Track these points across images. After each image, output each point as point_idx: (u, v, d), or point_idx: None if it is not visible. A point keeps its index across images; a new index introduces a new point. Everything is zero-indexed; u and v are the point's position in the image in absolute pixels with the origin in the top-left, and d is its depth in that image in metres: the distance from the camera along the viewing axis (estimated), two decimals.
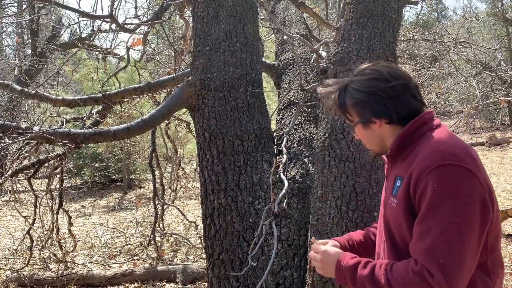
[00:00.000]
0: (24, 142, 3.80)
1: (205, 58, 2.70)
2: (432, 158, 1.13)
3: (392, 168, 1.34)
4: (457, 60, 8.81)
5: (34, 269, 5.00)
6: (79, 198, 10.19)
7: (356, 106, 1.34)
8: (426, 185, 1.11)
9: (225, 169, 2.54)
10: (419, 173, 1.14)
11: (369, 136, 1.38)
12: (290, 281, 2.33)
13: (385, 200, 1.36)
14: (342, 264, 1.31)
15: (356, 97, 1.32)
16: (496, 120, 16.02)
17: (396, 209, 1.24)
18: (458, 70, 7.36)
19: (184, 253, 5.56)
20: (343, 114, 1.39)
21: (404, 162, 1.26)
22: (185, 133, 7.86)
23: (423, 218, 1.13)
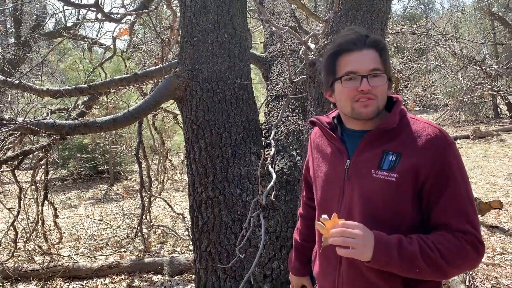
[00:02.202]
0: (8, 133, 3.73)
1: (192, 49, 2.68)
2: (441, 137, 1.24)
3: (374, 143, 1.30)
4: (444, 53, 8.89)
5: (19, 262, 4.94)
6: (64, 190, 10.08)
7: (389, 59, 1.33)
8: (447, 160, 1.23)
9: (213, 162, 2.53)
10: (436, 151, 1.23)
11: (385, 94, 1.31)
12: (277, 273, 2.34)
13: (362, 175, 1.31)
14: (386, 239, 1.19)
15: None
16: (481, 114, 16.25)
17: (397, 183, 1.24)
18: (445, 63, 7.42)
19: (171, 245, 5.55)
20: (380, 57, 1.29)
21: (396, 139, 1.28)
22: (172, 125, 7.81)
23: (455, 189, 1.22)
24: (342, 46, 1.29)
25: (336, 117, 1.45)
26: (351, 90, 1.28)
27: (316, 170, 1.50)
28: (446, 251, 1.18)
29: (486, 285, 3.70)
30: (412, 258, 1.17)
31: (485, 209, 5.20)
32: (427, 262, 1.17)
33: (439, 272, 1.20)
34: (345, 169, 1.35)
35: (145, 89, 5.88)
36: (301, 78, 2.58)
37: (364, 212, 1.28)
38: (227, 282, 2.41)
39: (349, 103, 1.30)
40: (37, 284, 4.45)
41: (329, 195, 1.40)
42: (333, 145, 1.42)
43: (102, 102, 6.76)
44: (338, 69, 1.31)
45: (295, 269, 1.81)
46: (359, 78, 1.26)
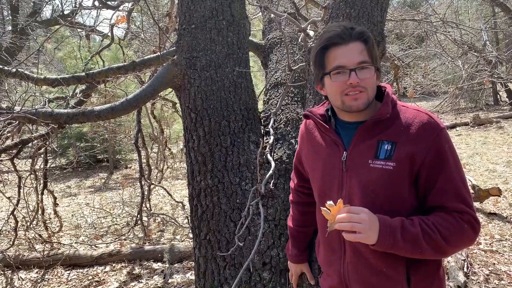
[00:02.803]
0: (6, 122, 3.72)
1: (190, 36, 2.65)
2: (433, 124, 1.29)
3: (369, 133, 1.33)
4: (444, 40, 8.83)
5: (20, 250, 4.97)
6: (64, 179, 10.10)
7: (376, 49, 1.35)
8: (440, 145, 1.27)
9: (212, 150, 2.52)
10: (430, 137, 1.27)
11: (374, 85, 1.34)
12: (276, 260, 2.35)
13: (359, 165, 1.34)
14: (389, 223, 1.24)
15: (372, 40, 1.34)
16: (480, 101, 16.21)
17: (394, 172, 1.28)
18: (445, 50, 7.38)
19: (171, 232, 5.58)
20: (367, 48, 1.30)
21: (390, 128, 1.31)
22: (171, 113, 7.80)
23: (449, 172, 1.27)
24: (329, 41, 1.31)
25: (330, 109, 1.46)
26: (341, 84, 1.30)
27: (311, 163, 1.52)
28: (445, 231, 1.23)
29: (484, 271, 3.73)
30: (414, 240, 1.22)
31: (483, 196, 5.22)
32: (429, 243, 1.22)
33: (440, 251, 1.25)
34: (343, 161, 1.37)
35: (143, 78, 5.85)
36: (300, 66, 2.56)
37: (364, 201, 1.31)
38: (226, 270, 2.42)
39: (339, 96, 1.32)
40: (38, 272, 4.48)
41: (328, 187, 1.42)
42: (327, 137, 1.44)
43: (100, 91, 6.74)
44: (326, 63, 1.33)
45: (293, 257, 1.83)
46: (347, 71, 1.28)
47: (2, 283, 4.24)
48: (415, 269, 1.32)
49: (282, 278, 2.32)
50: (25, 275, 4.42)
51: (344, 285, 1.42)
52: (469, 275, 3.64)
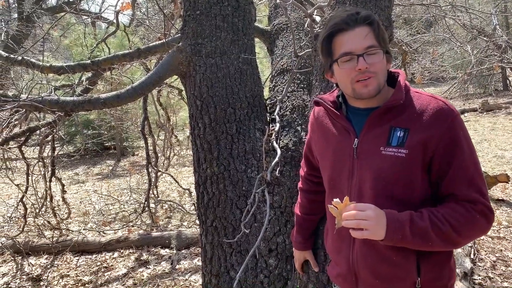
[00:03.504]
0: (13, 110, 3.74)
1: (195, 22, 2.63)
2: (447, 110, 1.26)
3: (381, 120, 1.31)
4: (453, 25, 8.69)
5: (29, 236, 5.04)
6: (72, 166, 10.18)
7: (384, 31, 1.31)
8: (454, 132, 1.24)
9: (218, 138, 2.52)
10: (443, 124, 1.24)
11: (385, 69, 1.31)
12: (282, 247, 2.36)
13: (371, 152, 1.31)
14: (397, 217, 1.22)
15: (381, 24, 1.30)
16: (489, 86, 16.01)
17: (407, 159, 1.25)
18: (453, 35, 7.26)
19: (178, 219, 5.62)
20: (374, 32, 1.27)
21: (403, 114, 1.29)
22: (177, 101, 7.79)
23: (463, 159, 1.25)
24: (334, 28, 1.28)
25: (341, 95, 1.43)
26: (349, 71, 1.27)
27: (322, 150, 1.50)
28: (456, 223, 1.21)
29: (491, 258, 3.72)
30: (423, 233, 1.20)
31: (491, 182, 5.19)
32: (439, 236, 1.20)
33: (450, 243, 1.24)
34: (354, 148, 1.35)
35: (149, 65, 5.83)
36: (306, 52, 2.53)
37: (375, 189, 1.29)
38: (232, 256, 2.44)
39: (349, 84, 1.29)
40: (47, 258, 4.55)
41: (338, 174, 1.41)
42: (339, 124, 1.41)
43: (106, 78, 6.74)
44: (333, 51, 1.30)
45: (298, 244, 1.83)
46: (355, 57, 1.25)
47: (13, 269, 4.31)
48: (425, 258, 1.31)
49: (288, 264, 2.34)
50: (35, 261, 4.49)
51: (352, 273, 1.40)
52: (476, 262, 3.64)
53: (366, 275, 1.37)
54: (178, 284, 3.77)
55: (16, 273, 4.21)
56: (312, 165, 1.67)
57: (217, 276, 2.47)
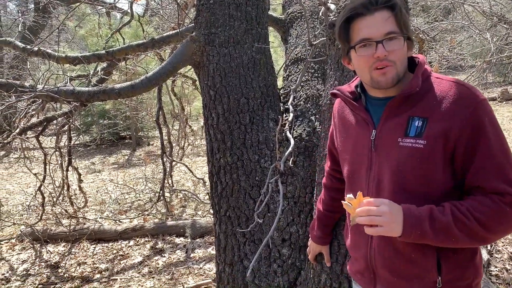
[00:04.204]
0: (30, 100, 3.79)
1: (209, 12, 2.61)
2: (470, 95, 1.17)
3: (399, 109, 1.24)
4: (472, 12, 8.49)
5: (47, 224, 5.14)
6: (88, 155, 10.32)
7: (407, 16, 1.22)
8: (478, 119, 1.15)
9: (231, 128, 2.52)
10: (466, 110, 1.15)
11: (405, 56, 1.23)
12: (296, 237, 2.36)
13: (389, 144, 1.26)
14: (416, 213, 1.15)
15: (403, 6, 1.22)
16: (509, 75, 15.64)
17: (425, 150, 1.18)
18: (472, 22, 7.09)
19: (192, 208, 5.67)
20: (395, 16, 1.19)
21: (421, 102, 1.21)
22: (191, 91, 7.80)
23: (489, 148, 1.15)
24: (352, 11, 1.21)
25: (359, 85, 1.38)
26: (367, 58, 1.20)
27: (342, 143, 1.45)
28: (482, 216, 1.12)
29: (508, 249, 3.67)
30: (445, 229, 1.13)
31: None
32: (463, 231, 1.13)
33: (477, 239, 1.16)
34: (371, 140, 1.30)
35: (163, 55, 5.84)
36: (321, 41, 2.50)
37: (393, 183, 1.24)
38: (246, 246, 2.45)
39: (367, 72, 1.23)
40: (65, 245, 4.64)
41: (357, 167, 1.36)
42: (357, 116, 1.36)
43: (121, 68, 6.77)
44: (351, 36, 1.23)
45: (317, 238, 1.81)
46: (373, 44, 1.18)
47: (32, 256, 4.41)
48: (446, 256, 1.23)
49: (301, 254, 2.34)
50: (53, 248, 4.58)
51: (370, 270, 1.36)
52: (493, 253, 3.59)
53: (384, 272, 1.32)
54: (193, 272, 3.81)
55: (35, 260, 4.31)
56: (334, 159, 1.61)
57: (230, 265, 2.49)
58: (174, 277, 3.74)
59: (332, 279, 1.88)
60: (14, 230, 5.15)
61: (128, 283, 3.70)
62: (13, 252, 4.56)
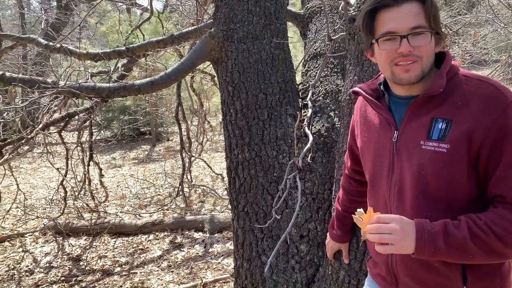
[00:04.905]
0: (53, 96, 3.86)
1: (227, 7, 2.61)
2: (499, 96, 1.08)
3: (422, 110, 1.17)
4: (497, 5, 8.27)
5: (69, 218, 5.25)
6: (109, 151, 10.47)
7: (437, 9, 1.14)
8: (506, 122, 1.06)
9: (249, 123, 2.52)
10: (493, 112, 1.07)
11: (432, 53, 1.15)
12: (314, 234, 2.35)
13: (411, 147, 1.19)
14: (428, 228, 1.08)
15: None
16: None
17: (449, 155, 1.11)
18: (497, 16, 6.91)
19: (211, 203, 5.71)
20: (425, 10, 1.11)
21: (446, 102, 1.14)
22: (210, 86, 7.83)
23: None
24: (379, 2, 1.13)
25: (383, 83, 1.31)
26: (390, 53, 1.13)
27: (364, 143, 1.39)
28: (502, 231, 1.04)
29: None
30: (461, 245, 1.06)
31: None
32: (480, 247, 1.05)
33: (496, 255, 1.08)
34: (393, 142, 1.23)
35: (182, 51, 5.87)
36: (340, 36, 2.47)
37: (415, 188, 1.17)
38: (264, 241, 2.45)
39: (388, 67, 1.16)
40: (86, 239, 4.73)
41: (378, 170, 1.30)
42: (380, 115, 1.29)
43: (141, 64, 6.84)
44: (376, 28, 1.16)
45: (337, 236, 1.78)
46: (398, 38, 1.11)
47: (54, 249, 4.51)
48: (473, 266, 1.16)
49: (319, 250, 2.33)
50: (75, 241, 4.67)
51: (392, 276, 1.31)
52: None
53: (406, 279, 1.27)
54: (211, 267, 3.83)
55: (58, 253, 4.41)
56: (356, 158, 1.52)
57: (248, 260, 2.49)
58: (192, 272, 3.77)
59: (350, 276, 1.87)
60: (38, 223, 5.27)
61: (147, 276, 3.75)
62: (36, 244, 4.67)
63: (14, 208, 5.54)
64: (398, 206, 1.22)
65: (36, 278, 3.87)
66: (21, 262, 4.24)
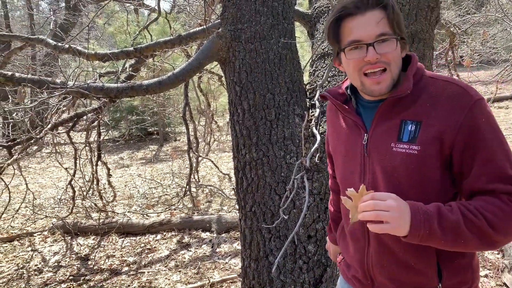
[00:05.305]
0: (61, 96, 3.89)
1: (235, 8, 2.61)
2: (465, 96, 1.10)
3: (391, 112, 1.18)
4: (506, 4, 8.20)
5: (77, 218, 5.28)
6: (117, 150, 10.53)
7: (399, 15, 1.15)
8: (474, 121, 1.08)
9: (257, 123, 2.52)
10: (460, 112, 1.09)
11: (399, 58, 1.16)
12: (321, 234, 2.34)
13: (382, 149, 1.19)
14: (424, 209, 1.05)
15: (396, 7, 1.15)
16: None
17: (420, 156, 1.11)
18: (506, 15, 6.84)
19: (218, 203, 5.71)
20: (388, 16, 1.12)
21: (415, 104, 1.15)
22: (217, 87, 7.84)
23: (489, 150, 1.08)
24: (342, 11, 1.14)
25: (350, 87, 1.31)
26: (358, 62, 1.14)
27: (334, 147, 1.40)
28: (492, 217, 1.04)
29: None
30: (455, 228, 1.03)
31: None
32: (473, 231, 1.04)
33: (487, 241, 1.06)
34: (364, 144, 1.24)
35: (189, 51, 5.89)
36: None
37: (388, 190, 1.16)
38: (271, 241, 2.45)
39: (357, 76, 1.16)
40: (94, 238, 4.75)
41: (350, 173, 1.30)
42: (348, 119, 1.30)
43: (149, 65, 6.87)
44: (341, 37, 1.16)
45: (333, 239, 1.73)
46: (364, 46, 1.11)
47: (63, 248, 4.54)
48: (448, 262, 1.18)
49: (327, 251, 2.32)
50: (83, 241, 4.70)
51: (368, 278, 1.30)
52: None
53: (383, 280, 1.27)
54: (218, 267, 3.84)
55: (66, 252, 4.44)
56: (333, 162, 1.53)
57: (256, 260, 2.49)
58: (200, 271, 3.78)
59: None
60: (46, 222, 5.32)
61: (155, 276, 3.76)
62: (45, 244, 4.71)
63: (23, 207, 5.59)
64: None
65: (44, 277, 3.90)
66: (30, 261, 4.27)
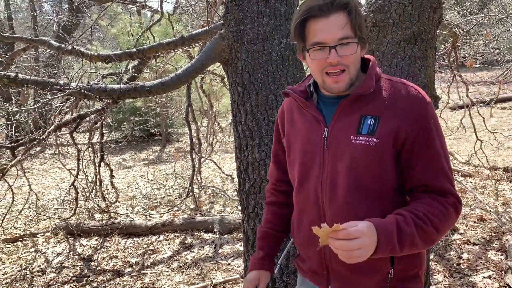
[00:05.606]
0: (64, 98, 3.90)
1: (237, 9, 2.61)
2: (420, 98, 1.23)
3: (351, 108, 1.26)
4: (509, 4, 8.18)
5: (80, 219, 5.29)
6: (120, 152, 10.55)
7: (361, 17, 1.23)
8: (426, 121, 1.21)
9: (259, 124, 2.52)
10: (415, 112, 1.21)
11: (358, 60, 1.25)
12: None
13: (341, 142, 1.25)
14: (385, 230, 1.10)
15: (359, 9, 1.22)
16: None
17: (378, 148, 1.21)
18: (509, 15, 6.83)
19: (221, 204, 5.72)
20: (350, 20, 1.18)
21: (374, 102, 1.24)
22: (220, 88, 7.86)
23: (435, 149, 1.21)
24: (308, 13, 1.19)
25: (312, 84, 1.38)
26: (320, 62, 1.21)
27: (291, 143, 1.42)
28: (436, 220, 1.16)
29: None
30: (411, 240, 1.13)
31: None
32: (423, 238, 1.15)
33: (431, 242, 1.19)
34: (324, 138, 1.29)
35: (192, 52, 5.90)
36: None
37: (347, 180, 1.24)
38: None
39: (319, 75, 1.25)
40: (97, 239, 4.76)
41: (308, 166, 1.34)
42: (309, 114, 1.35)
43: (152, 66, 6.89)
44: (307, 36, 1.23)
45: (258, 260, 1.57)
46: (327, 49, 1.19)
47: (66, 249, 4.55)
48: (402, 257, 1.25)
49: None
50: (86, 242, 4.71)
51: (324, 267, 1.35)
52: None
53: (339, 267, 1.30)
54: (221, 268, 3.84)
55: (69, 253, 4.45)
56: (283, 167, 1.53)
57: None
58: (202, 272, 3.78)
59: None
60: (49, 223, 5.33)
61: (158, 277, 3.77)
62: (48, 245, 4.72)
63: (26, 208, 5.60)
64: (331, 197, 1.27)
65: (47, 278, 3.91)
66: (33, 262, 4.28)
